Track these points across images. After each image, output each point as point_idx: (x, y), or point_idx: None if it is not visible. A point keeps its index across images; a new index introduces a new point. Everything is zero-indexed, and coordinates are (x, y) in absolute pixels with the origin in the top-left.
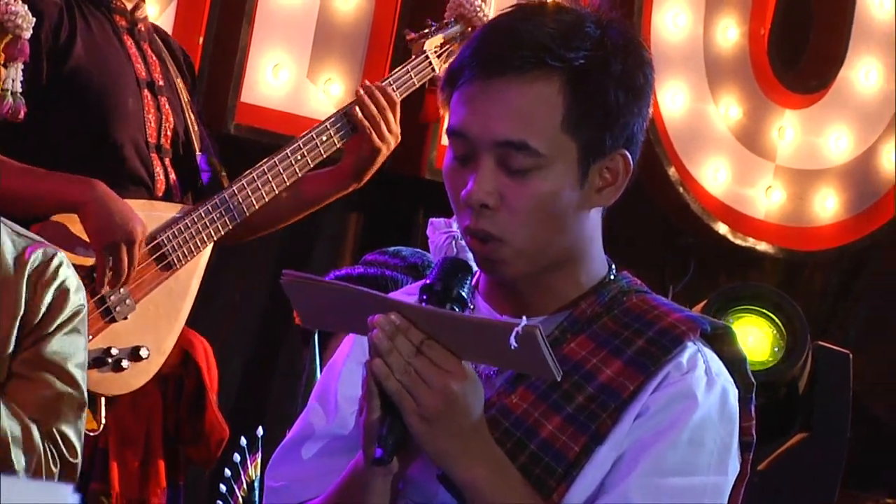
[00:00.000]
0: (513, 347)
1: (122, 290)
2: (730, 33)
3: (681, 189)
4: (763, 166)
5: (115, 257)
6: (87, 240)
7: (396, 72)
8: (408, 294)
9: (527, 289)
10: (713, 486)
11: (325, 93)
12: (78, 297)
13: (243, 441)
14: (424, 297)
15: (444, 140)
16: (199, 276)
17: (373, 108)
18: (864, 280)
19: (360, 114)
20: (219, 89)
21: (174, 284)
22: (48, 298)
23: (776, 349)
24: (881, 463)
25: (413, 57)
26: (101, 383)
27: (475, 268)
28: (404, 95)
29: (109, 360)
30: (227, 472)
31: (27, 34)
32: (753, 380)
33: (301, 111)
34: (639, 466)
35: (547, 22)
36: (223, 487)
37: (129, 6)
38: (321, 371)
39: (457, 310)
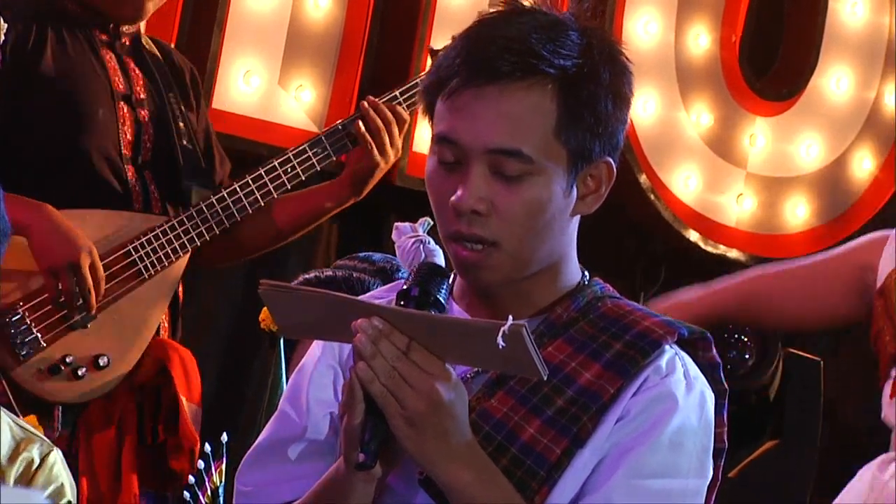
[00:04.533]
0: (500, 347)
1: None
2: (701, 40)
3: (652, 196)
4: (734, 173)
5: (61, 281)
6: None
7: (408, 84)
8: (379, 298)
9: (504, 294)
10: (693, 488)
11: (297, 99)
12: (69, 493)
13: (207, 447)
14: (402, 302)
15: (416, 147)
16: (174, 285)
17: (378, 122)
18: None
19: (363, 128)
20: None
21: (144, 293)
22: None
23: (747, 356)
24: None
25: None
26: (54, 392)
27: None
28: (413, 108)
29: (63, 368)
30: (192, 478)
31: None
32: (727, 386)
33: (272, 118)
34: (620, 469)
35: (533, 27)
36: (187, 494)
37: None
38: (287, 375)
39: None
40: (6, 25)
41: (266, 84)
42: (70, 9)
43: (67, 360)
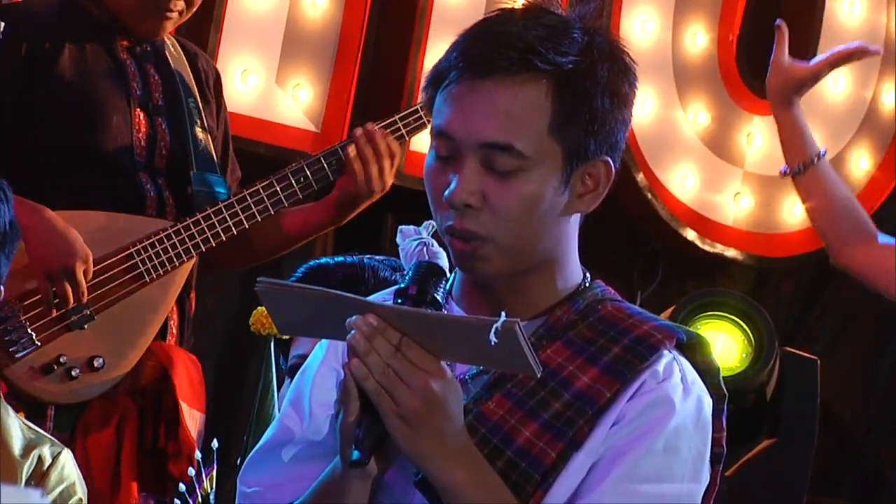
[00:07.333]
0: (492, 343)
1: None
2: (698, 39)
3: (649, 195)
4: (731, 172)
5: (56, 285)
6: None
7: (409, 110)
8: (382, 299)
9: (503, 293)
10: (687, 493)
11: (294, 98)
12: (80, 491)
13: (198, 454)
14: (399, 300)
15: (413, 146)
16: (178, 290)
17: (368, 151)
18: (833, 286)
19: (351, 153)
20: None
21: (145, 297)
22: (52, 496)
23: (744, 355)
24: (848, 469)
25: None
26: (46, 391)
27: (449, 273)
28: (414, 134)
29: (57, 368)
30: (182, 486)
31: None
32: (726, 391)
33: (270, 116)
34: (614, 472)
35: (534, 25)
36: (178, 502)
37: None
38: (276, 375)
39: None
40: (2, 24)
41: (263, 83)
42: (93, 13)
43: (61, 360)
